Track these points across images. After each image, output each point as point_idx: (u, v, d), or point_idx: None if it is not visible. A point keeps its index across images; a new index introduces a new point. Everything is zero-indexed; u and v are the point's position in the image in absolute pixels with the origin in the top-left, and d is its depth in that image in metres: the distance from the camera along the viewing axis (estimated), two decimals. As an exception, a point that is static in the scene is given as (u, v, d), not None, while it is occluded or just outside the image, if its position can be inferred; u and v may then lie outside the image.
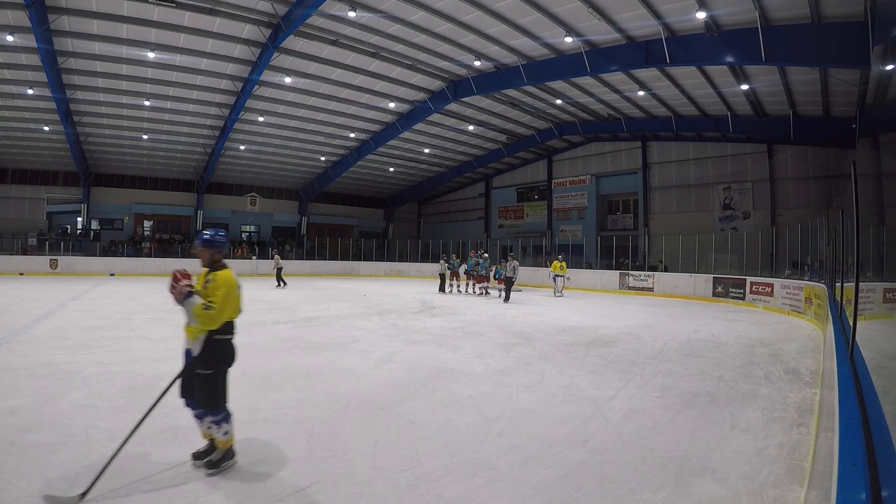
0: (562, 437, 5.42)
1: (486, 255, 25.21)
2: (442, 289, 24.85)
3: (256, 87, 25.22)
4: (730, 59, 18.49)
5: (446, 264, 25.15)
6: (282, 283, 26.51)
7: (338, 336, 11.47)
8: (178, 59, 22.69)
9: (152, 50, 21.49)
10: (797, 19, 16.16)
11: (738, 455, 5.06)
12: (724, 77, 22.25)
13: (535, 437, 5.40)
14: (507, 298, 20.77)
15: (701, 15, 16.99)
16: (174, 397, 6.36)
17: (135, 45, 21.20)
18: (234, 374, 7.56)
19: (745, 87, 22.46)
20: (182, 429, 5.33)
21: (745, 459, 4.94)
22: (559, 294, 23.77)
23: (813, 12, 15.54)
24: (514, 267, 21.39)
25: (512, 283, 21.44)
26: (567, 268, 24.59)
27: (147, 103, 27.03)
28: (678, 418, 6.19)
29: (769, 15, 16.45)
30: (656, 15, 18.03)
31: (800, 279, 18.64)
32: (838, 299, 9.71)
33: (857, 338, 4.88)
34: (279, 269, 26.81)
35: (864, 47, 14.74)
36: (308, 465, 4.57)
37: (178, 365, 7.94)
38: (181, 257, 35.52)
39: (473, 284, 24.56)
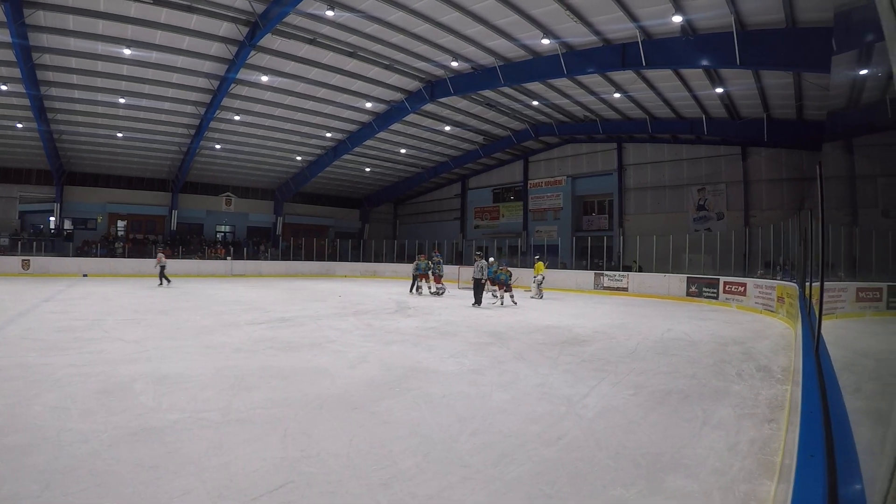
0: (535, 435, 5.45)
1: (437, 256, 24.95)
2: (412, 289, 24.23)
3: (233, 85, 25.05)
4: (705, 62, 18.73)
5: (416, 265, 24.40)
6: (164, 282, 25.88)
7: (313, 336, 11.42)
8: (155, 56, 22.44)
9: (128, 47, 21.23)
10: (772, 24, 16.41)
11: (709, 451, 5.13)
12: (700, 80, 22.50)
13: (508, 436, 5.42)
14: (475, 302, 18.90)
15: (677, 19, 17.20)
16: (149, 399, 6.34)
17: (111, 41, 20.94)
18: (208, 374, 7.60)
19: (719, 90, 22.74)
20: (156, 430, 5.28)
21: (716, 455, 5.01)
22: (535, 296, 23.01)
23: (788, 18, 15.80)
24: (482, 267, 19.38)
25: (481, 286, 19.33)
26: (544, 268, 24.17)
27: (122, 101, 26.69)
28: (651, 416, 6.25)
29: (745, 20, 16.70)
30: (633, 18, 18.23)
31: (772, 279, 18.95)
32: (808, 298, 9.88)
33: (830, 335, 4.97)
34: (162, 267, 26.15)
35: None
36: (282, 464, 4.54)
37: (151, 366, 7.97)
38: (155, 258, 35.14)
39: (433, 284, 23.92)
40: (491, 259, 20.97)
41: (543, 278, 23.39)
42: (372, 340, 11.10)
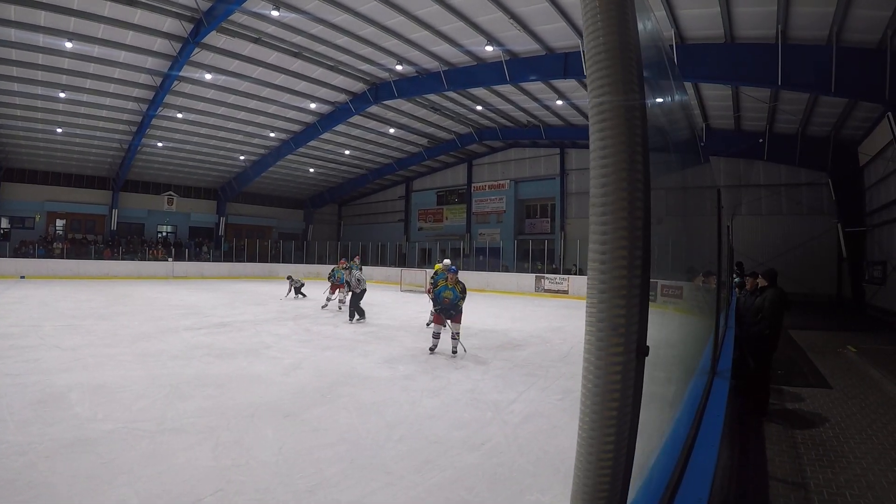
0: (460, 441, 5.68)
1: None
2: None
3: (176, 82, 24.62)
4: (646, 73, 19.21)
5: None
6: None
7: (250, 342, 11.45)
8: (97, 50, 21.83)
9: (70, 40, 20.52)
10: (712, 39, 17.02)
11: (629, 454, 5.42)
12: (639, 90, 23.07)
13: (433, 442, 5.65)
14: (350, 316, 15.54)
15: (620, 31, 17.60)
16: (84, 409, 6.34)
17: (52, 33, 20.26)
18: (142, 383, 7.62)
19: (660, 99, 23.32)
20: (91, 441, 5.33)
21: (633, 460, 5.28)
22: None
23: (727, 33, 16.46)
24: (359, 279, 15.66)
25: (357, 298, 15.61)
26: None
27: (62, 95, 25.76)
28: (575, 420, 6.39)
29: (685, 34, 17.27)
30: (575, 28, 18.62)
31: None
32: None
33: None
34: None
35: (774, 67, 15.79)
36: (212, 473, 4.68)
37: (88, 375, 7.91)
38: (94, 258, 34.28)
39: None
40: (447, 260, 15.40)
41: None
42: (308, 346, 11.20)
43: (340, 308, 18.30)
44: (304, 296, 22.64)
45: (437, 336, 10.88)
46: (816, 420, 7.26)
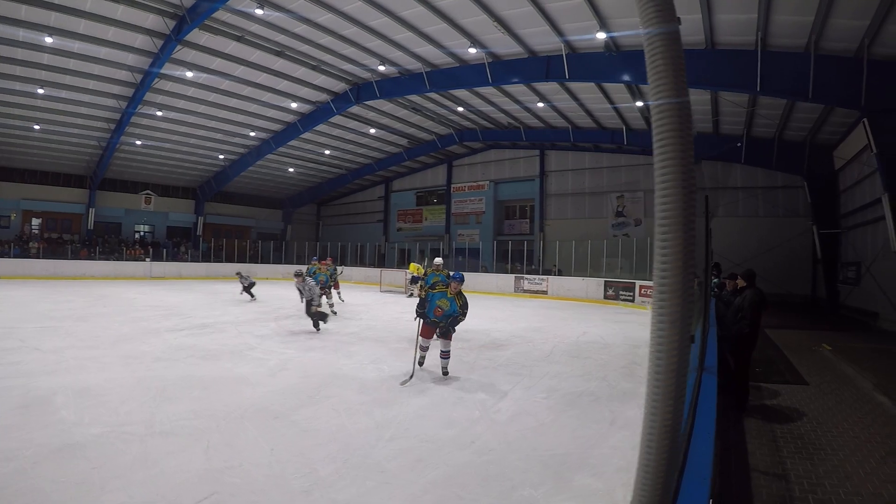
0: (450, 440, 5.75)
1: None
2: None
3: (156, 80, 24.39)
4: (626, 77, 19.44)
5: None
6: None
7: (233, 343, 11.35)
8: (77, 46, 21.53)
9: (50, 34, 20.29)
10: (692, 45, 17.18)
11: (614, 450, 5.55)
12: (621, 94, 23.40)
13: (424, 441, 5.70)
14: (315, 325, 13.51)
15: (601, 35, 17.74)
16: (70, 413, 6.30)
17: (32, 27, 20.01)
18: (129, 385, 7.60)
19: (639, 103, 23.66)
20: (79, 445, 5.29)
21: (620, 454, 5.42)
22: (411, 295, 23.69)
23: (707, 39, 16.66)
24: (311, 287, 13.44)
25: (310, 306, 13.41)
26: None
27: (41, 91, 25.40)
28: (561, 418, 6.65)
29: (667, 39, 17.42)
30: (559, 32, 18.77)
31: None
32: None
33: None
34: None
35: (753, 73, 16.07)
36: (206, 476, 4.67)
37: (71, 378, 7.85)
38: (71, 258, 33.75)
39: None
40: (438, 259, 13.70)
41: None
42: (292, 347, 11.15)
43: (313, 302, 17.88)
44: (253, 297, 21.97)
45: (424, 349, 9.21)
46: (794, 415, 7.46)
